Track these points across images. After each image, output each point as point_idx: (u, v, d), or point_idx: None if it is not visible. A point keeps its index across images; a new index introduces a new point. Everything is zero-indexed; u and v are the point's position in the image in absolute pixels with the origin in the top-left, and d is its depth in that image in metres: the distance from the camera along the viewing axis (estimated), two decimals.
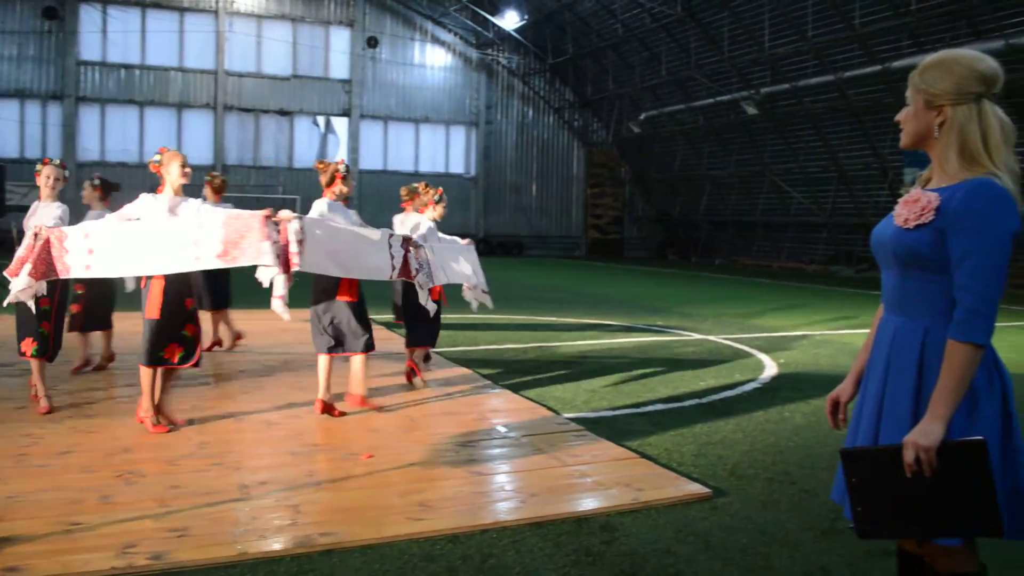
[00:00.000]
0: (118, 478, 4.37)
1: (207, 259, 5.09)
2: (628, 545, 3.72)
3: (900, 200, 2.30)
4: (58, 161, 6.14)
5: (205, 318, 8.58)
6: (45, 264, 5.17)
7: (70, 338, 6.89)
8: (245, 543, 3.56)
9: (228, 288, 8.58)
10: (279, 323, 10.38)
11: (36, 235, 5.20)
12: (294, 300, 5.52)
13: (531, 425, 5.77)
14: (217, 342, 8.63)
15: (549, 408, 6.33)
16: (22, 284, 5.15)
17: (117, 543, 3.50)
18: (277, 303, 5.22)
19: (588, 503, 4.23)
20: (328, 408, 5.92)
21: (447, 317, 11.39)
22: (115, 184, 7.37)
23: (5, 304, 5.42)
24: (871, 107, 23.61)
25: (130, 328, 9.44)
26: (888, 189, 24.72)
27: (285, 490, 4.27)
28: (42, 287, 5.23)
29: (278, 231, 5.15)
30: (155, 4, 30.02)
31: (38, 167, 6.06)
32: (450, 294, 7.75)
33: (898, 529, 2.23)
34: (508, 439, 5.44)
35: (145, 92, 30.12)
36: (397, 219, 7.88)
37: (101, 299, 7.24)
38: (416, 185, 7.74)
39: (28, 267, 5.14)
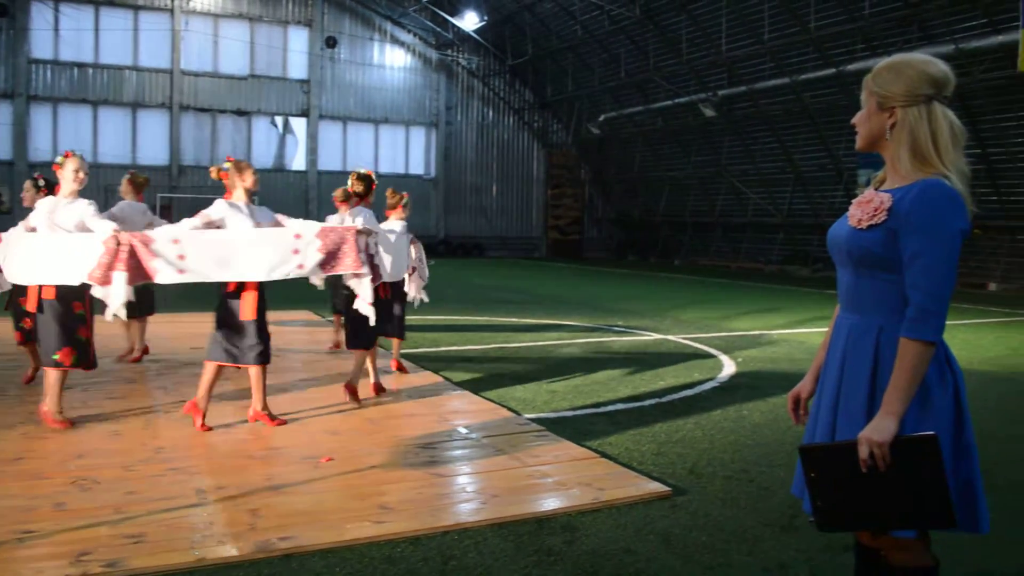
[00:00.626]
0: (72, 484, 4.30)
1: (310, 267, 5.52)
2: (589, 544, 3.74)
3: (854, 201, 2.35)
4: (79, 154, 5.68)
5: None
6: (135, 269, 5.12)
7: (21, 349, 6.87)
8: (203, 549, 3.51)
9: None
10: None
11: (117, 239, 5.06)
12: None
13: (492, 426, 5.77)
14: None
15: (510, 409, 6.33)
16: (122, 294, 5.04)
17: (71, 551, 3.43)
18: (368, 308, 5.69)
19: (549, 503, 4.24)
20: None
21: (410, 319, 11.36)
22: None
23: (111, 317, 5.11)
24: (826, 109, 23.97)
25: None
26: (843, 190, 25.11)
27: (243, 494, 4.22)
28: (131, 293, 5.15)
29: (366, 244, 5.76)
30: (109, 2, 29.48)
31: (59, 159, 5.56)
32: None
33: (856, 522, 2.28)
34: (469, 440, 5.43)
35: (99, 91, 29.57)
36: (334, 219, 8.04)
37: None
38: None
39: (123, 274, 5.05)
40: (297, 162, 32.76)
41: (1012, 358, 9.60)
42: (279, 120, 32.46)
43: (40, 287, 5.42)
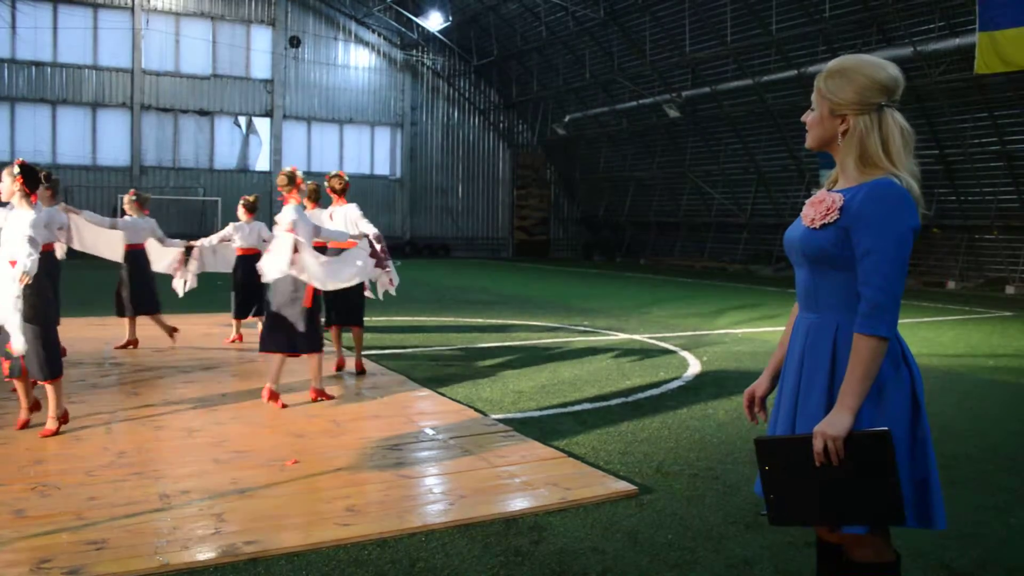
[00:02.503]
0: (32, 491, 4.22)
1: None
2: (557, 544, 3.75)
3: (807, 201, 2.38)
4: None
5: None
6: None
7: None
8: (167, 554, 3.47)
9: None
10: (199, 328, 10.22)
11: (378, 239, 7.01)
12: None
13: (459, 427, 5.77)
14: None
15: (477, 409, 6.33)
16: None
17: (32, 558, 3.38)
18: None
19: (517, 503, 4.24)
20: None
21: (378, 320, 11.31)
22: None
23: (381, 295, 7.25)
24: (788, 110, 24.26)
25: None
26: (805, 190, 25.40)
27: (208, 499, 4.17)
28: None
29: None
30: (67, 0, 29.04)
31: (300, 172, 6.52)
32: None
33: (808, 516, 2.30)
34: (436, 441, 5.42)
35: (57, 91, 29.11)
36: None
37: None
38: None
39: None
40: (261, 163, 32.48)
41: (971, 355, 9.78)
42: (242, 120, 32.17)
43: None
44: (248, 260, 8.72)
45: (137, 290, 8.78)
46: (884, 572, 2.33)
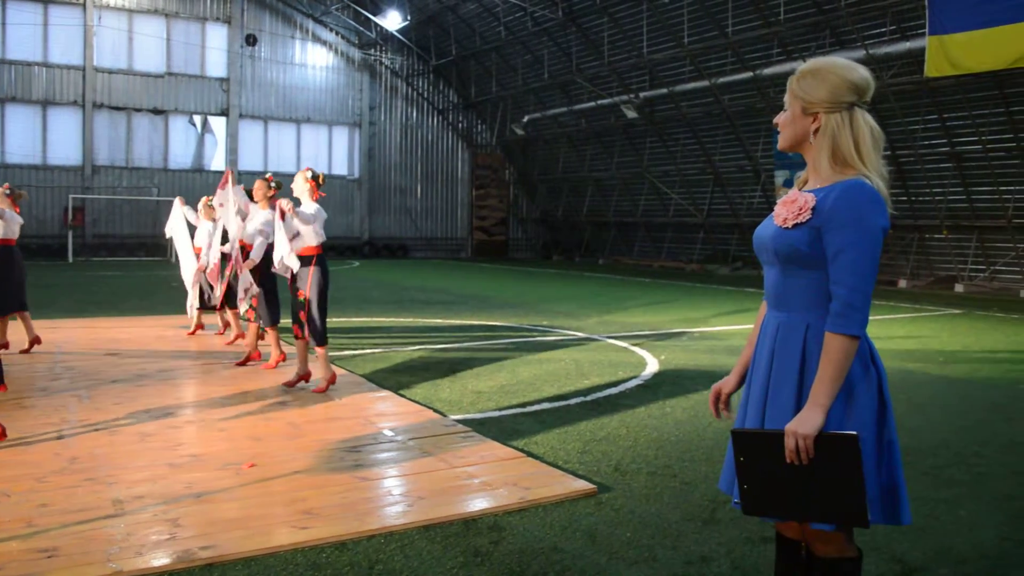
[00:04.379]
0: None
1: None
2: (516, 544, 3.75)
3: (779, 201, 2.41)
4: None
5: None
6: None
7: None
8: (120, 560, 3.41)
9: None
10: (152, 331, 10.06)
11: None
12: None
13: (418, 428, 5.75)
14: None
15: (436, 410, 6.32)
16: None
17: None
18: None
19: (476, 504, 4.24)
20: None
21: (335, 320, 11.24)
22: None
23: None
24: (744, 112, 24.54)
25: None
26: (760, 190, 25.75)
27: (163, 503, 4.12)
28: None
29: None
30: None
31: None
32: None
33: (778, 510, 2.32)
34: (395, 443, 5.40)
35: (5, 88, 28.46)
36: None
37: None
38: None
39: None
40: (216, 162, 32.07)
41: (920, 351, 9.98)
42: (197, 119, 31.73)
43: None
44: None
45: (5, 288, 8.33)
46: (846, 568, 2.37)
